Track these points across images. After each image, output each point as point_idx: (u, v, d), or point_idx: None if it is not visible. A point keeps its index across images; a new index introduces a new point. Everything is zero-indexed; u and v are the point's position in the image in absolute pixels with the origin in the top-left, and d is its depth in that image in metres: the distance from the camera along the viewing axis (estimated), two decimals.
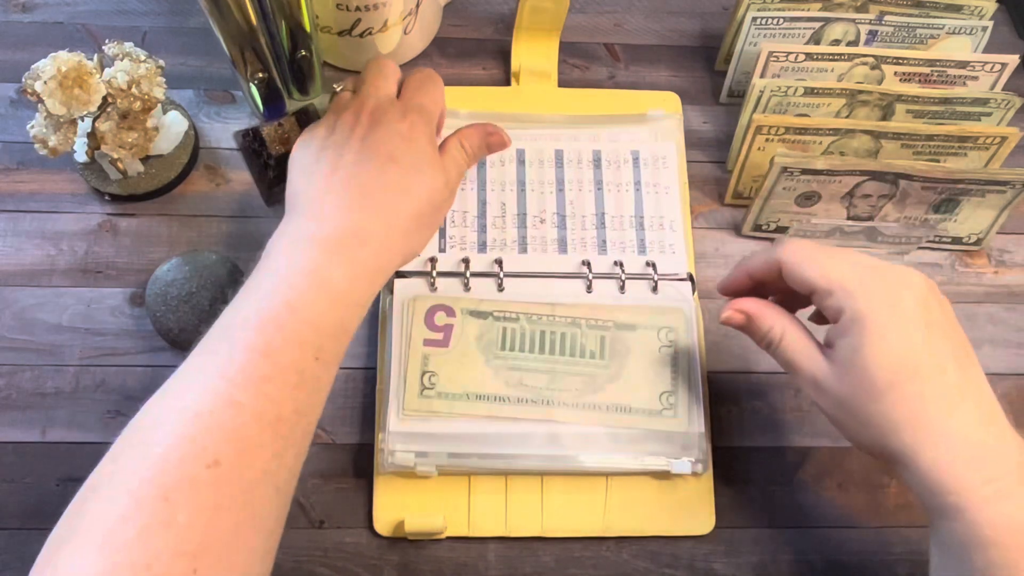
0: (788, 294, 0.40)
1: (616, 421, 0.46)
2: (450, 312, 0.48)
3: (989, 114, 0.52)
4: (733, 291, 0.43)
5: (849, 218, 0.52)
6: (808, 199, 0.51)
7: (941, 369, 0.35)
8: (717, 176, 0.56)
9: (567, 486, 0.47)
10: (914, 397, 0.34)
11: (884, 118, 0.53)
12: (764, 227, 0.53)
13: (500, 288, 0.48)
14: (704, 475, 0.47)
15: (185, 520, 0.29)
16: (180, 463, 0.30)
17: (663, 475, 0.46)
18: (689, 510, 0.47)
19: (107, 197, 0.52)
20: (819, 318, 0.43)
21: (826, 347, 0.38)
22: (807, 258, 0.37)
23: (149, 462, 0.30)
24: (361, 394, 0.49)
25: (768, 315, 0.39)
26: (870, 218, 0.52)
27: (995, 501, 0.33)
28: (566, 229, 0.51)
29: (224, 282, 0.48)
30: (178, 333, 0.47)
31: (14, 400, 0.48)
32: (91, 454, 0.46)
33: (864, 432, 0.36)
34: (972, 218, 0.53)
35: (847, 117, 0.53)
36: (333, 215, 0.39)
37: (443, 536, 0.46)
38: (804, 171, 0.49)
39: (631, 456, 0.46)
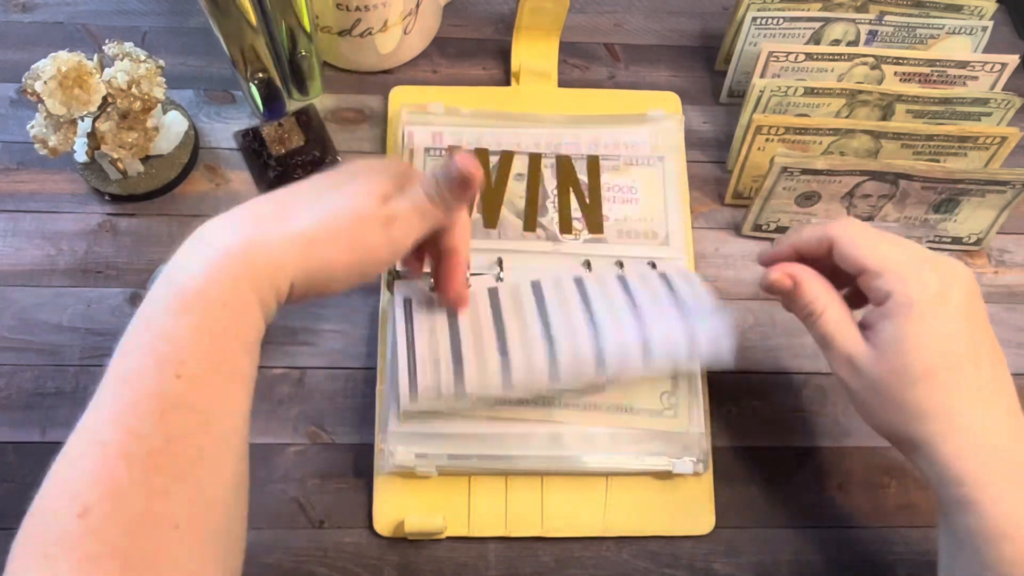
0: (829, 273, 0.40)
1: (616, 421, 0.46)
2: None
3: (989, 114, 0.52)
4: (775, 263, 0.42)
5: None
6: (808, 199, 0.51)
7: (977, 364, 0.35)
8: (717, 176, 0.56)
9: (567, 486, 0.47)
10: (947, 388, 0.35)
11: (884, 118, 0.53)
12: (764, 227, 0.53)
13: (499, 279, 0.48)
14: (704, 475, 0.47)
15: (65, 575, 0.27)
16: (54, 515, 0.28)
17: (663, 475, 0.46)
18: (689, 510, 0.47)
19: (107, 197, 0.52)
20: (853, 301, 0.42)
21: (864, 328, 0.38)
22: (860, 237, 0.37)
23: (33, 519, 0.29)
24: (361, 394, 0.49)
25: (815, 285, 0.39)
26: (870, 218, 0.52)
27: (1012, 497, 0.33)
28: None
29: None
30: None
31: (14, 400, 0.48)
32: None
33: (890, 417, 0.36)
34: (972, 218, 0.53)
35: (847, 117, 0.53)
36: (220, 218, 0.34)
37: (443, 536, 0.46)
38: (804, 171, 0.49)
39: (631, 456, 0.46)
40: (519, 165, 0.53)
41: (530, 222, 0.51)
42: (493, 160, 0.53)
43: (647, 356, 0.44)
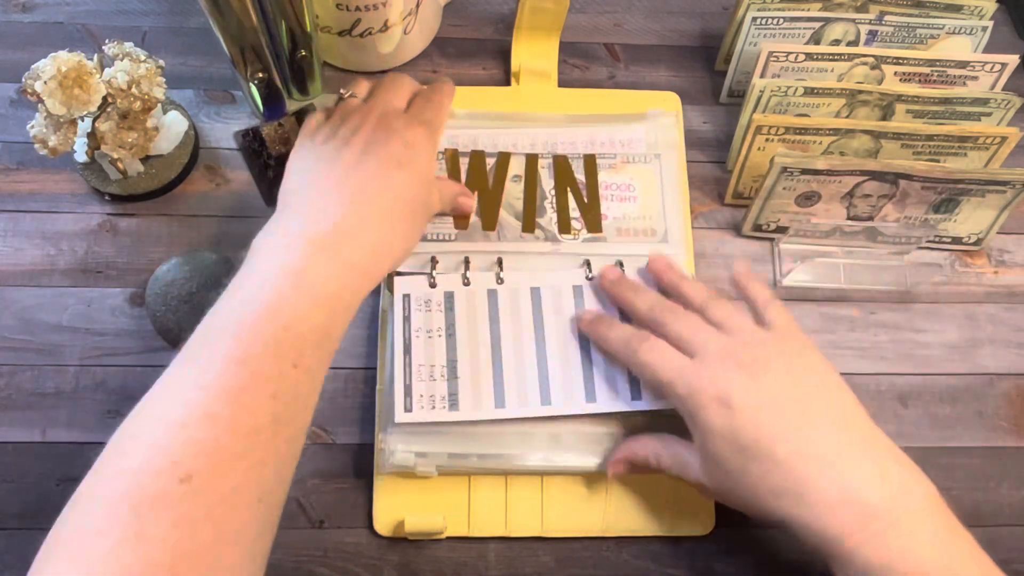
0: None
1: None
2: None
3: (989, 114, 0.52)
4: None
5: (849, 218, 0.52)
6: (808, 199, 0.51)
7: (805, 426, 0.38)
8: (717, 176, 0.56)
9: (567, 486, 0.47)
10: (772, 468, 0.37)
11: (884, 118, 0.53)
12: (764, 227, 0.53)
13: (500, 281, 0.48)
14: None
15: (158, 534, 0.29)
16: (153, 477, 0.30)
17: (663, 475, 0.46)
18: (689, 510, 0.47)
19: (107, 197, 0.52)
20: None
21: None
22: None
23: (123, 476, 0.30)
24: (361, 394, 0.49)
25: (639, 447, 0.44)
26: (870, 218, 0.52)
27: (876, 541, 0.35)
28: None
29: (224, 282, 0.48)
30: (178, 333, 0.47)
31: (14, 400, 0.48)
32: (91, 454, 0.46)
33: (755, 509, 0.39)
34: (972, 218, 0.53)
35: (847, 117, 0.53)
36: (324, 213, 0.38)
37: (443, 536, 0.46)
38: (804, 171, 0.49)
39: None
40: (516, 166, 0.53)
41: (529, 223, 0.51)
42: (490, 162, 0.53)
43: (633, 401, 0.46)
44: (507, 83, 0.58)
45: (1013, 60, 0.53)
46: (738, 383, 0.39)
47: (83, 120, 0.48)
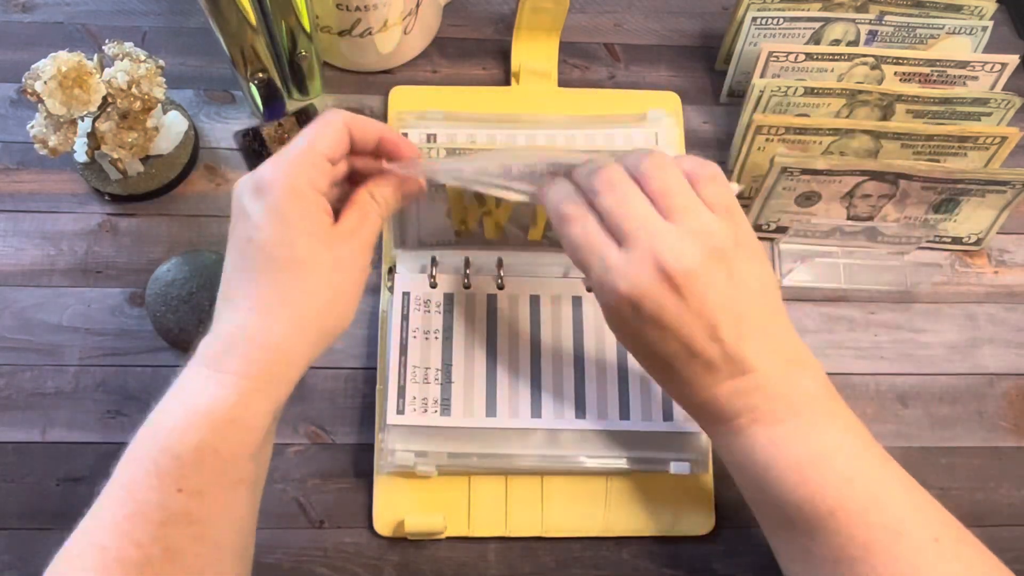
0: None
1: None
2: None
3: (989, 114, 0.52)
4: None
5: (849, 218, 0.52)
6: (808, 199, 0.51)
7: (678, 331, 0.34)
8: None
9: (567, 486, 0.47)
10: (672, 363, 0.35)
11: (884, 118, 0.53)
12: (764, 227, 0.53)
13: (500, 287, 0.48)
14: (704, 475, 0.47)
15: None
16: None
17: (663, 475, 0.46)
18: (689, 510, 0.47)
19: (107, 197, 0.52)
20: None
21: None
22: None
23: None
24: (361, 394, 0.49)
25: (556, 196, 0.38)
26: (870, 218, 0.52)
27: (755, 427, 0.34)
28: None
29: None
30: (178, 333, 0.47)
31: (14, 400, 0.48)
32: (91, 454, 0.47)
33: (649, 362, 0.37)
34: (972, 218, 0.53)
35: (847, 117, 0.53)
36: (217, 321, 0.34)
37: (443, 536, 0.46)
38: (804, 171, 0.49)
39: (631, 456, 0.46)
40: None
41: (535, 232, 0.51)
42: None
43: (621, 421, 0.46)
44: (507, 83, 0.58)
45: (1013, 60, 0.53)
46: (661, 297, 0.33)
47: (83, 120, 0.48)
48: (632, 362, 0.48)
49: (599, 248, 0.34)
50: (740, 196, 0.54)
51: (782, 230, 0.53)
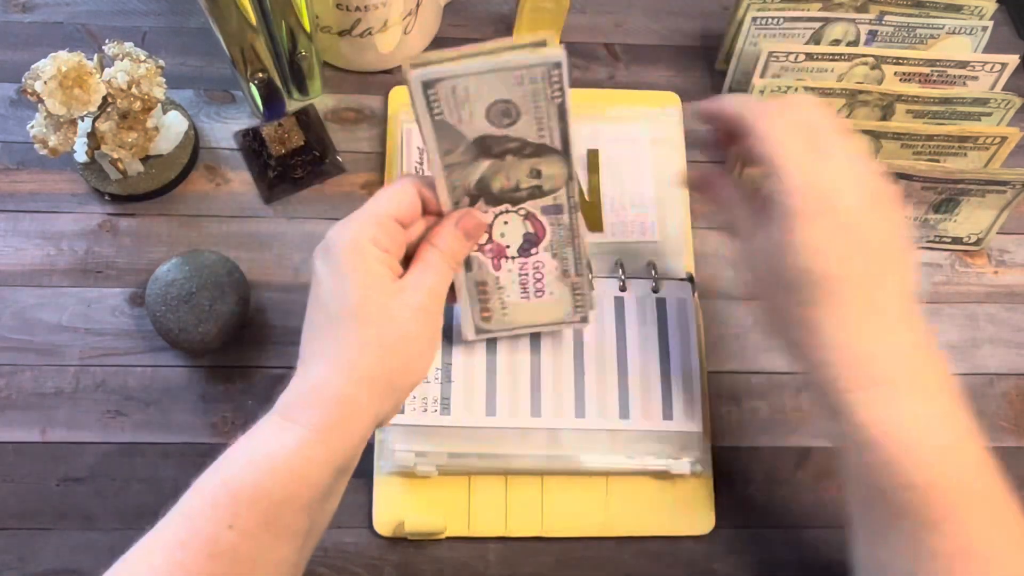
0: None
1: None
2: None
3: (989, 114, 0.52)
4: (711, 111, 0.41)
5: None
6: None
7: (851, 281, 0.34)
8: None
9: (567, 486, 0.47)
10: (817, 302, 0.34)
11: (884, 118, 0.53)
12: None
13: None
14: (704, 475, 0.47)
15: None
16: None
17: (663, 475, 0.46)
18: (689, 510, 0.47)
19: (107, 197, 0.52)
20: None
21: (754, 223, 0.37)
22: (765, 130, 0.35)
23: None
24: None
25: (729, 108, 0.38)
26: None
27: (876, 405, 0.33)
28: None
29: (224, 282, 0.48)
30: (178, 333, 0.47)
31: (14, 400, 0.48)
32: (91, 454, 0.47)
33: (779, 321, 0.37)
34: (972, 218, 0.53)
35: (847, 117, 0.53)
36: (295, 374, 0.35)
37: (443, 536, 0.46)
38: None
39: (631, 456, 0.46)
40: None
41: None
42: None
43: (620, 420, 0.46)
44: None
45: (1013, 60, 0.53)
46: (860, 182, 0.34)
47: (83, 120, 0.48)
48: (632, 362, 0.48)
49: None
50: None
51: None
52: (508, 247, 0.41)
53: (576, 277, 0.42)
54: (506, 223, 0.40)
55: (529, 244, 0.41)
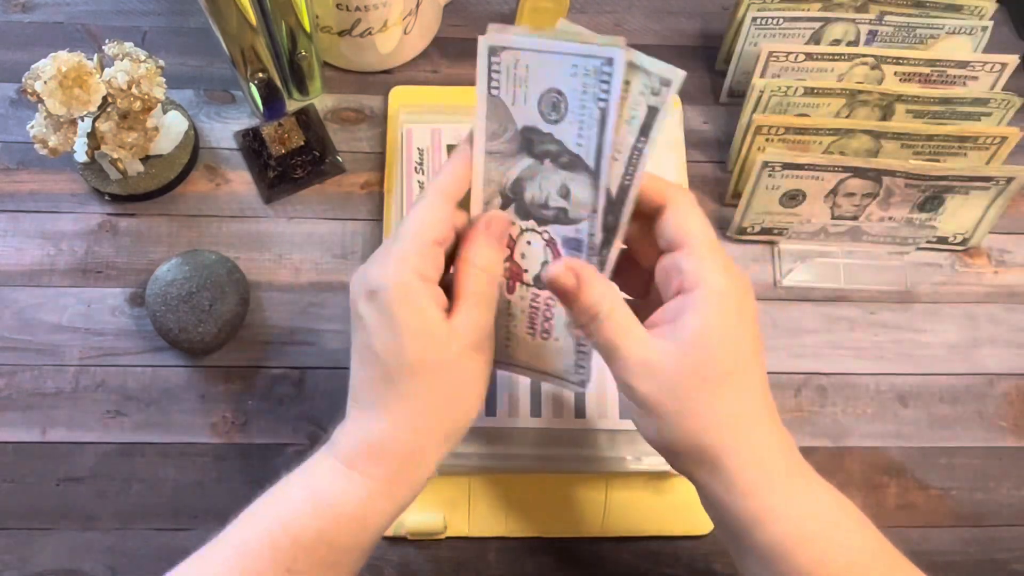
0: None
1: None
2: None
3: (989, 114, 0.52)
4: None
5: (834, 218, 0.52)
6: (792, 199, 0.51)
7: (760, 367, 0.33)
8: (717, 176, 0.56)
9: (567, 486, 0.47)
10: (740, 392, 0.32)
11: (884, 118, 0.53)
12: (749, 230, 0.53)
13: None
14: None
15: None
16: None
17: (663, 475, 0.46)
18: (689, 510, 0.47)
19: (107, 197, 0.52)
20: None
21: (656, 329, 0.33)
22: (694, 210, 0.34)
23: None
24: None
25: (600, 285, 0.34)
26: (855, 218, 0.52)
27: (793, 511, 0.32)
28: None
29: (224, 282, 0.48)
30: (178, 333, 0.47)
31: (14, 400, 0.48)
32: (91, 454, 0.47)
33: (680, 426, 0.32)
34: (957, 216, 0.52)
35: (847, 117, 0.53)
36: (349, 417, 0.35)
37: (443, 536, 0.46)
38: (785, 165, 0.49)
39: (631, 456, 0.46)
40: None
41: None
42: None
43: (621, 419, 0.46)
44: None
45: (1013, 60, 0.53)
46: (749, 285, 0.34)
47: (83, 120, 0.48)
48: None
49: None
50: (740, 196, 0.54)
51: (767, 232, 0.53)
52: (526, 271, 0.36)
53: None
54: (529, 243, 0.35)
55: None
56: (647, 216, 0.34)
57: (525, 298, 0.37)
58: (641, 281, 0.36)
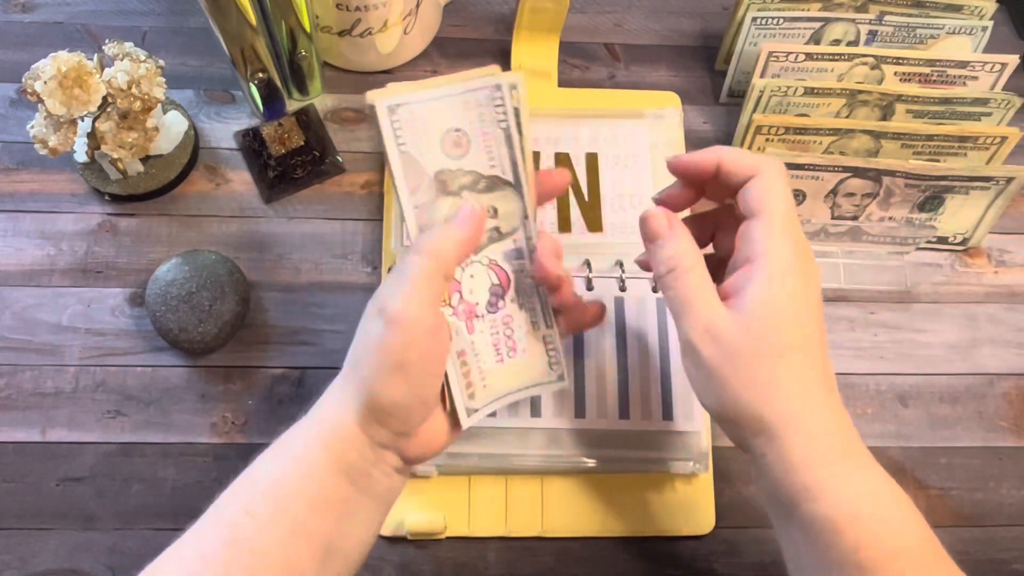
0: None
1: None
2: None
3: (989, 114, 0.52)
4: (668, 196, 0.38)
5: (833, 218, 0.52)
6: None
7: (822, 342, 0.33)
8: None
9: (567, 486, 0.47)
10: (803, 366, 0.32)
11: (884, 118, 0.53)
12: None
13: None
14: (704, 475, 0.47)
15: None
16: None
17: (663, 475, 0.46)
18: (689, 510, 0.47)
19: (107, 197, 0.52)
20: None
21: (726, 296, 0.34)
22: (779, 180, 0.35)
23: None
24: None
25: (686, 239, 0.34)
26: (855, 218, 0.52)
27: (850, 487, 0.32)
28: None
29: (224, 282, 0.48)
30: (178, 333, 0.47)
31: (14, 400, 0.48)
32: (91, 454, 0.47)
33: (741, 395, 0.32)
34: (958, 216, 0.52)
35: (847, 117, 0.53)
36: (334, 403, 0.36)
37: (443, 536, 0.46)
38: (785, 165, 0.49)
39: (631, 456, 0.46)
40: None
41: None
42: None
43: (619, 420, 0.46)
44: None
45: (1013, 60, 0.53)
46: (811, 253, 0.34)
47: (83, 120, 0.48)
48: (632, 362, 0.48)
49: None
50: None
51: None
52: (477, 304, 0.37)
53: (547, 329, 0.39)
54: (472, 276, 0.37)
55: (496, 296, 0.38)
56: (736, 190, 0.35)
57: (484, 331, 0.38)
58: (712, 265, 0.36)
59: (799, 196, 0.51)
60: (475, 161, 0.35)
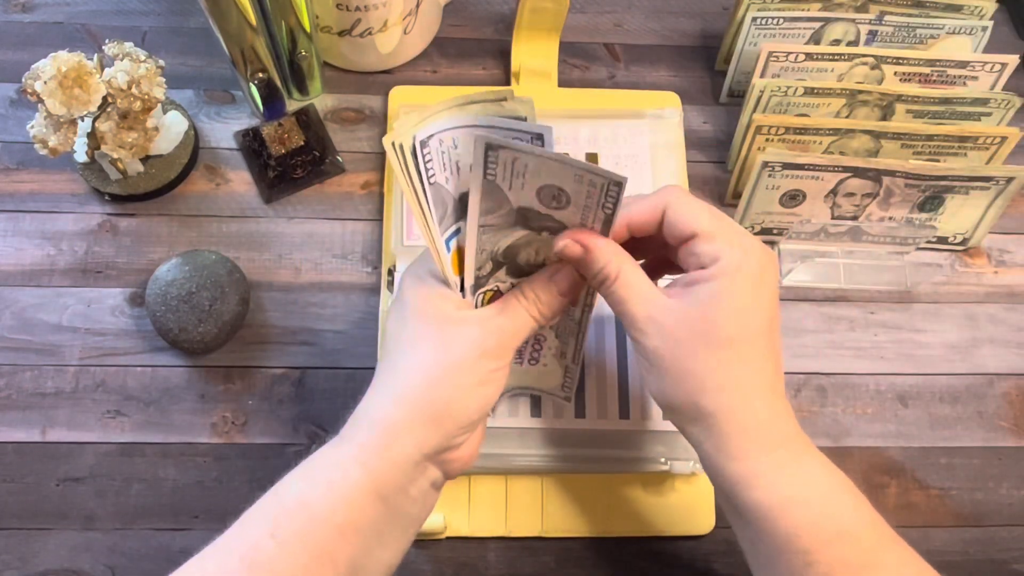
0: (653, 253, 0.39)
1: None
2: None
3: (989, 114, 0.52)
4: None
5: (834, 218, 0.52)
6: (792, 199, 0.51)
7: (771, 340, 0.34)
8: (717, 176, 0.56)
9: (567, 486, 0.47)
10: (742, 360, 0.33)
11: (884, 118, 0.53)
12: (749, 230, 0.53)
13: None
14: (704, 475, 0.47)
15: None
16: None
17: (663, 475, 0.46)
18: (689, 510, 0.47)
19: (107, 197, 0.52)
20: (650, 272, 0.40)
21: (671, 290, 0.35)
22: (691, 203, 0.35)
23: None
24: (361, 394, 0.48)
25: (607, 250, 0.35)
26: (854, 218, 0.52)
27: (785, 467, 0.33)
28: None
29: (224, 282, 0.48)
30: (178, 333, 0.47)
31: (14, 400, 0.48)
32: (91, 454, 0.47)
33: (681, 384, 0.34)
34: (957, 216, 0.52)
35: (847, 117, 0.53)
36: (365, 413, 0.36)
37: (443, 536, 0.46)
38: (785, 165, 0.49)
39: (631, 456, 0.46)
40: None
41: None
42: None
43: (620, 420, 0.46)
44: (507, 83, 0.58)
45: (1013, 60, 0.53)
46: (773, 263, 0.35)
47: (83, 120, 0.48)
48: (632, 362, 0.47)
49: None
50: (740, 196, 0.54)
51: (767, 232, 0.53)
52: None
53: (571, 363, 0.41)
54: None
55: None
56: (652, 228, 0.36)
57: None
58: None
59: (799, 196, 0.51)
60: (568, 216, 0.34)
